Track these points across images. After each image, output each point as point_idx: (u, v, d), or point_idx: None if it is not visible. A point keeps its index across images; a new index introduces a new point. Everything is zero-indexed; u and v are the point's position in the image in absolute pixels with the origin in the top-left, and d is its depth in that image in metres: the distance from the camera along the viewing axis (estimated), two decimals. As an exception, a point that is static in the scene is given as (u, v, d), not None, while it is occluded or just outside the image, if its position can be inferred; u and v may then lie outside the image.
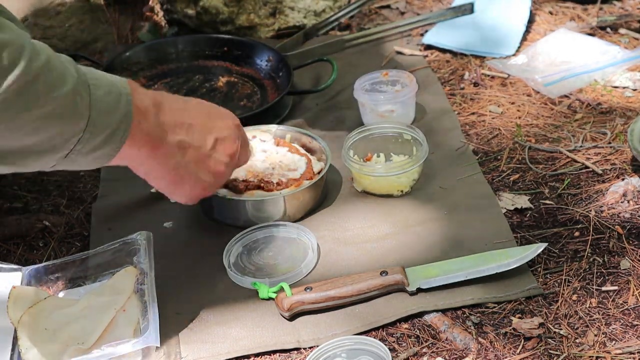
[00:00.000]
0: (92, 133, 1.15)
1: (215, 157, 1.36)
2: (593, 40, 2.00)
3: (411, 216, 1.53)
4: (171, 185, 1.34)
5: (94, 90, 1.15)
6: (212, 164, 1.35)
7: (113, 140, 1.18)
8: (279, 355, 1.29)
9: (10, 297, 1.35)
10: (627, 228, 1.45)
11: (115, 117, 1.17)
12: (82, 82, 1.14)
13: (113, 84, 1.19)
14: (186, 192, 1.36)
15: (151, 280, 1.35)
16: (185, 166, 1.32)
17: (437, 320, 1.31)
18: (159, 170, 1.30)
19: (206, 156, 1.34)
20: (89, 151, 1.17)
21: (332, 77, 1.84)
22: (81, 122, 1.13)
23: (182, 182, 1.33)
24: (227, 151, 1.37)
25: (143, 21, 2.28)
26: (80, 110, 1.13)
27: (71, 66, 1.14)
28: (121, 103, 1.18)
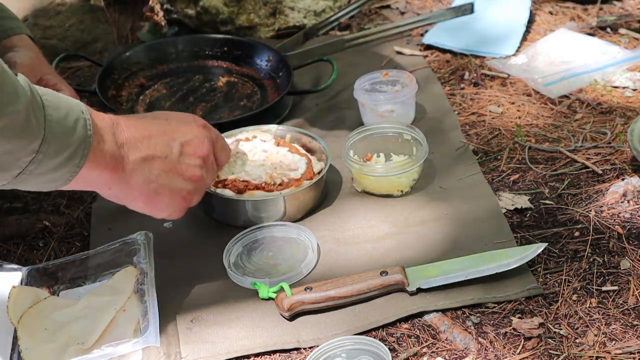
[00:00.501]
0: (46, 154, 1.12)
1: (186, 162, 1.31)
2: (593, 40, 2.00)
3: (411, 216, 1.53)
4: (148, 204, 1.30)
5: (50, 111, 1.13)
6: (184, 170, 1.31)
7: (70, 163, 1.16)
8: (279, 355, 1.29)
9: (10, 297, 1.35)
10: (627, 228, 1.45)
11: (72, 139, 1.15)
12: (37, 102, 1.12)
13: (71, 106, 1.17)
14: (165, 205, 1.31)
15: (151, 280, 1.35)
16: (156, 179, 1.28)
17: (437, 320, 1.31)
18: (130, 191, 1.27)
19: (175, 163, 1.30)
20: (43, 172, 1.14)
21: (332, 77, 1.84)
22: (34, 143, 1.11)
23: (157, 196, 1.29)
24: (196, 154, 1.32)
25: (143, 21, 2.28)
26: (32, 130, 1.10)
27: (26, 85, 1.11)
28: (79, 125, 1.16)
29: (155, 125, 1.30)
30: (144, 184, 1.27)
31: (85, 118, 1.17)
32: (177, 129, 1.32)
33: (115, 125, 1.23)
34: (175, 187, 1.30)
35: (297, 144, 1.66)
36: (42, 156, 1.12)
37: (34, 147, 1.11)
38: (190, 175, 1.31)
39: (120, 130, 1.24)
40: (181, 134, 1.32)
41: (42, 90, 1.15)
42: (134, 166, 1.25)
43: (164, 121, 1.32)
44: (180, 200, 1.32)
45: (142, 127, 1.28)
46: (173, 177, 1.30)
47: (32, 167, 1.13)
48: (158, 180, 1.28)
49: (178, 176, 1.30)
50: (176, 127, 1.32)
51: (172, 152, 1.29)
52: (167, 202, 1.31)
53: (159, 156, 1.28)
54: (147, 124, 1.29)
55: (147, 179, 1.27)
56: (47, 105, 1.13)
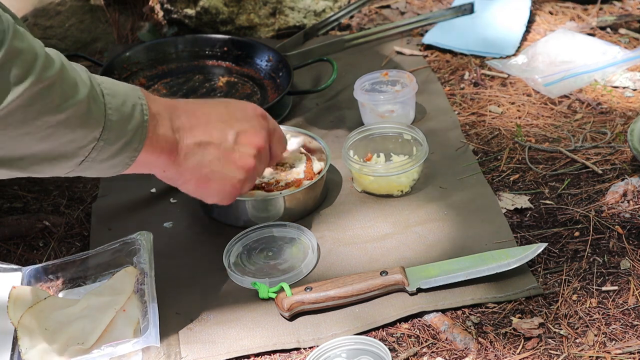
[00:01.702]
0: (107, 141, 1.15)
1: (240, 151, 1.32)
2: (593, 40, 2.00)
3: (411, 216, 1.53)
4: (199, 187, 1.32)
5: (109, 99, 1.15)
6: (237, 158, 1.32)
7: (129, 148, 1.18)
8: (279, 355, 1.29)
9: (10, 297, 1.35)
10: (627, 228, 1.45)
11: (131, 125, 1.17)
12: (96, 90, 1.14)
13: (127, 93, 1.19)
14: (215, 191, 1.33)
15: (151, 280, 1.35)
16: (209, 165, 1.30)
17: (437, 320, 1.31)
18: (183, 174, 1.29)
19: (229, 151, 1.31)
20: (104, 159, 1.17)
21: (332, 77, 1.84)
22: (95, 131, 1.14)
23: (208, 182, 1.31)
24: (252, 143, 1.33)
25: (143, 21, 2.28)
26: (94, 119, 1.13)
27: (85, 75, 1.14)
28: (136, 111, 1.18)
29: (213, 111, 1.32)
30: (197, 168, 1.29)
31: (142, 103, 1.20)
32: (235, 117, 1.34)
33: (172, 110, 1.26)
34: (227, 174, 1.32)
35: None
36: (103, 143, 1.15)
37: (96, 135, 1.14)
38: (242, 164, 1.33)
39: (177, 115, 1.26)
40: (238, 122, 1.33)
41: (99, 79, 1.17)
42: (188, 150, 1.27)
43: (223, 108, 1.34)
44: (230, 187, 1.34)
45: (200, 112, 1.30)
46: (226, 164, 1.31)
47: (94, 154, 1.15)
48: (211, 166, 1.30)
49: (231, 164, 1.32)
50: (234, 115, 1.34)
51: (227, 140, 1.31)
52: (217, 188, 1.33)
53: (214, 143, 1.30)
54: (205, 109, 1.32)
55: (200, 164, 1.29)
56: (106, 93, 1.15)
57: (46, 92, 1.08)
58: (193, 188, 1.32)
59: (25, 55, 1.06)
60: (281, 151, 1.44)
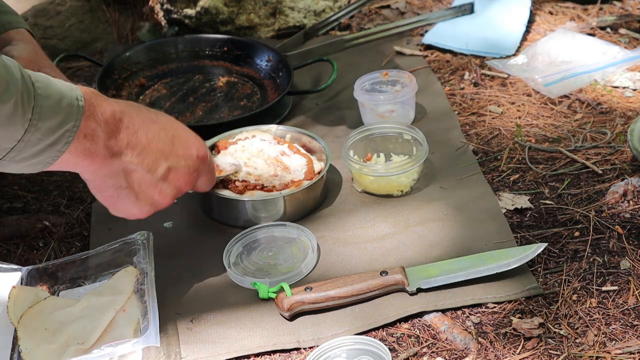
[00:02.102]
0: (28, 143, 1.11)
1: (162, 187, 1.30)
2: (593, 40, 2.00)
3: (411, 216, 1.53)
4: (107, 201, 1.30)
5: (41, 100, 1.11)
6: (156, 193, 1.31)
7: (53, 149, 1.14)
8: (279, 355, 1.29)
9: (10, 297, 1.35)
10: (627, 228, 1.45)
11: (58, 128, 1.13)
12: (27, 91, 1.09)
13: (64, 93, 1.14)
14: (121, 210, 1.32)
15: (151, 280, 1.35)
16: (127, 187, 1.28)
17: (437, 320, 1.31)
18: (98, 184, 1.27)
19: (152, 184, 1.29)
20: (23, 158, 1.13)
21: (332, 77, 1.84)
22: (17, 132, 1.09)
23: (119, 201, 1.29)
24: (177, 183, 1.32)
25: (143, 21, 2.28)
26: (17, 120, 1.08)
27: (18, 74, 1.09)
28: (69, 114, 1.14)
29: (157, 136, 1.28)
30: (114, 187, 1.27)
31: (79, 105, 1.15)
32: (176, 151, 1.31)
33: (116, 122, 1.22)
34: (138, 201, 1.31)
35: (297, 144, 1.66)
36: (24, 144, 1.11)
37: (17, 136, 1.10)
38: (158, 199, 1.32)
39: (118, 129, 1.22)
40: (175, 158, 1.31)
41: (36, 77, 1.12)
42: (113, 168, 1.24)
43: (170, 137, 1.30)
44: (136, 211, 1.32)
45: (143, 133, 1.26)
46: (143, 192, 1.30)
47: (12, 154, 1.11)
48: (128, 189, 1.28)
49: (148, 195, 1.30)
50: (176, 148, 1.31)
51: (156, 172, 1.29)
52: (125, 208, 1.32)
53: (142, 170, 1.27)
54: (151, 131, 1.27)
55: (118, 184, 1.27)
56: (39, 93, 1.11)
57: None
58: (103, 199, 1.30)
59: None
60: (205, 188, 1.42)
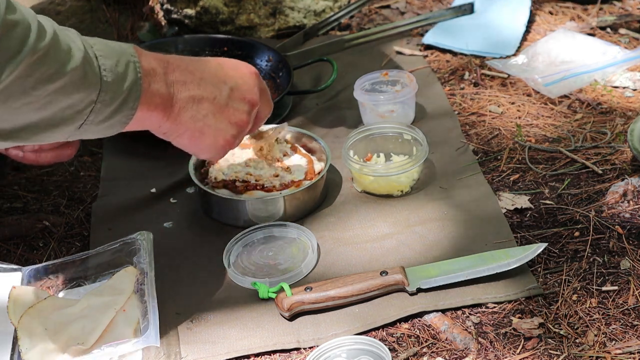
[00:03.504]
0: (103, 103, 1.15)
1: (234, 106, 1.34)
2: (593, 40, 2.00)
3: (411, 216, 1.53)
4: (192, 141, 1.32)
5: (103, 60, 1.15)
6: (230, 113, 1.33)
7: (125, 107, 1.18)
8: (279, 355, 1.29)
9: (11, 297, 1.35)
10: (627, 228, 1.45)
11: (125, 84, 1.17)
12: (90, 54, 1.15)
13: (120, 52, 1.19)
14: (208, 145, 1.34)
15: (151, 280, 1.35)
16: (203, 119, 1.30)
17: (437, 320, 1.31)
18: (176, 128, 1.29)
19: (223, 106, 1.32)
20: (102, 120, 1.17)
21: (332, 77, 1.84)
22: (92, 94, 1.14)
23: (201, 136, 1.32)
24: (245, 98, 1.35)
25: (143, 21, 2.28)
26: (89, 82, 1.13)
27: (78, 39, 1.15)
28: (129, 70, 1.18)
29: (206, 67, 1.32)
30: (191, 122, 1.29)
31: (135, 61, 1.20)
32: (229, 73, 1.35)
33: (165, 65, 1.26)
34: (220, 128, 1.33)
35: (297, 144, 1.66)
36: (100, 105, 1.15)
37: (93, 98, 1.14)
38: (236, 120, 1.34)
39: (171, 69, 1.26)
40: (232, 79, 1.34)
41: (91, 41, 1.17)
42: (182, 104, 1.27)
43: (216, 64, 1.35)
44: (223, 142, 1.35)
45: (193, 67, 1.30)
46: (219, 119, 1.32)
47: (92, 116, 1.15)
48: (205, 121, 1.31)
49: (224, 119, 1.33)
50: (228, 71, 1.35)
51: (221, 95, 1.32)
52: (210, 142, 1.33)
53: (208, 97, 1.30)
54: (199, 65, 1.32)
55: (194, 118, 1.29)
56: (99, 55, 1.16)
57: (42, 62, 1.08)
58: (187, 142, 1.32)
59: (20, 27, 1.06)
60: (267, 113, 1.44)
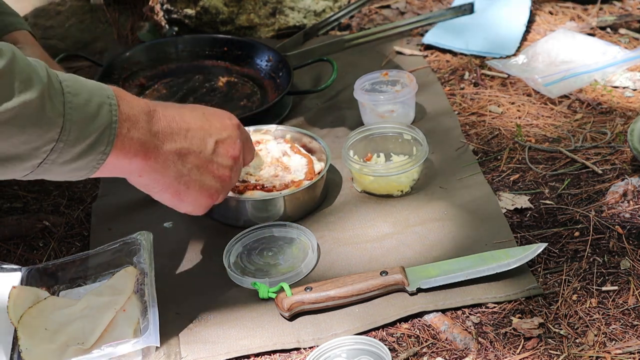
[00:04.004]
0: (66, 143, 1.09)
1: (218, 161, 1.31)
2: (593, 40, 2.00)
3: (411, 216, 1.53)
4: (176, 196, 1.29)
5: (70, 97, 1.10)
6: (215, 169, 1.31)
7: (95, 150, 1.13)
8: (279, 355, 1.29)
9: (10, 297, 1.35)
10: (627, 228, 1.45)
11: (95, 126, 1.11)
12: (55, 88, 1.09)
13: (94, 92, 1.13)
14: (192, 201, 1.31)
15: (151, 280, 1.35)
16: (189, 174, 1.27)
17: (437, 320, 1.31)
18: (160, 181, 1.25)
19: (208, 161, 1.30)
20: (67, 161, 1.11)
21: (332, 77, 1.84)
22: (52, 131, 1.07)
23: (187, 191, 1.29)
24: (229, 153, 1.32)
25: (143, 21, 2.28)
26: (49, 118, 1.07)
27: (43, 71, 1.08)
28: (103, 112, 1.12)
29: (192, 118, 1.29)
30: (175, 177, 1.26)
31: (111, 103, 1.14)
32: (214, 125, 1.32)
33: (151, 112, 1.21)
34: (205, 183, 1.30)
35: (297, 144, 1.66)
36: (62, 145, 1.09)
37: (53, 136, 1.08)
38: (220, 174, 1.32)
39: (157, 119, 1.22)
40: (217, 131, 1.31)
41: (63, 76, 1.12)
42: (168, 157, 1.24)
43: (202, 115, 1.32)
44: (207, 197, 1.32)
45: (180, 118, 1.26)
46: (204, 173, 1.30)
47: (53, 156, 1.10)
48: (190, 175, 1.28)
49: (209, 173, 1.30)
50: (213, 123, 1.32)
51: (206, 149, 1.29)
52: (194, 197, 1.30)
53: (194, 151, 1.27)
54: (185, 115, 1.28)
55: (179, 172, 1.26)
56: (67, 91, 1.10)
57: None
58: (169, 197, 1.29)
59: None
60: (250, 160, 1.43)
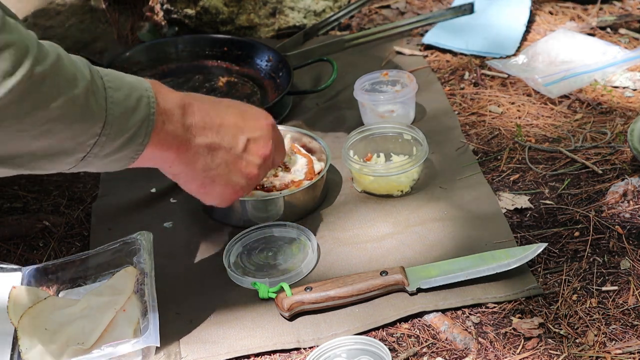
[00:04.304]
0: (108, 136, 1.12)
1: (247, 159, 1.32)
2: (593, 40, 2.00)
3: (411, 216, 1.53)
4: (201, 188, 1.31)
5: (112, 92, 1.13)
6: (243, 166, 1.32)
7: (133, 143, 1.16)
8: (279, 355, 1.29)
9: (11, 297, 1.35)
10: (627, 228, 1.45)
11: (134, 119, 1.15)
12: (97, 84, 1.12)
13: (133, 86, 1.16)
14: (217, 194, 1.33)
15: (151, 280, 1.35)
16: (216, 168, 1.29)
17: (437, 320, 1.31)
18: (188, 173, 1.28)
19: (238, 158, 1.31)
20: (107, 154, 1.14)
21: (332, 77, 1.84)
22: (96, 126, 1.11)
23: (212, 184, 1.30)
24: (259, 152, 1.33)
25: (143, 21, 2.28)
26: (93, 114, 1.10)
27: (85, 68, 1.11)
28: (142, 105, 1.16)
29: (227, 113, 1.31)
30: (203, 170, 1.28)
31: (149, 96, 1.17)
32: (248, 123, 1.33)
33: (186, 106, 1.24)
34: (231, 179, 1.32)
35: (297, 144, 1.66)
36: (105, 138, 1.12)
37: (96, 131, 1.11)
38: (248, 172, 1.33)
39: (191, 112, 1.25)
40: (250, 129, 1.33)
41: (104, 72, 1.14)
42: (198, 150, 1.26)
43: (238, 112, 1.33)
44: (231, 192, 1.33)
45: (214, 113, 1.29)
46: (232, 170, 1.31)
47: (96, 149, 1.12)
48: (217, 170, 1.29)
49: (237, 170, 1.32)
50: (247, 121, 1.33)
51: (237, 146, 1.31)
52: (219, 191, 1.32)
53: (225, 147, 1.29)
54: (221, 110, 1.30)
55: (207, 166, 1.28)
56: (109, 86, 1.13)
57: (38, 87, 1.04)
58: (195, 188, 1.31)
59: (16, 48, 1.02)
60: (280, 161, 1.44)
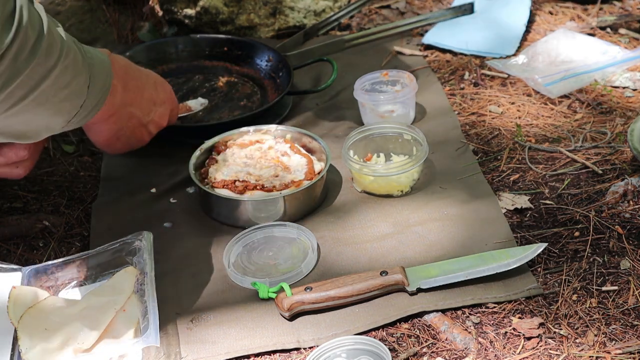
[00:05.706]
0: (84, 108, 1.31)
1: (148, 128, 1.58)
2: (593, 40, 2.00)
3: (411, 216, 1.53)
4: (106, 141, 1.53)
5: (94, 71, 1.30)
6: (144, 134, 1.57)
7: (93, 111, 1.35)
8: (279, 355, 1.29)
9: (11, 297, 1.35)
10: (627, 228, 1.45)
11: (101, 93, 1.34)
12: (89, 65, 1.28)
13: (103, 62, 1.34)
14: (115, 149, 1.56)
15: (151, 280, 1.35)
16: (124, 129, 1.52)
17: (437, 320, 1.31)
18: (104, 130, 1.50)
19: (142, 125, 1.55)
20: (79, 120, 1.33)
21: (332, 77, 1.84)
22: (80, 100, 1.29)
23: (117, 141, 1.53)
24: (159, 125, 1.59)
25: (143, 21, 2.28)
26: (84, 90, 1.29)
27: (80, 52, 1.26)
28: (108, 81, 1.35)
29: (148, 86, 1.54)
30: (116, 131, 1.51)
31: (110, 73, 1.37)
32: (159, 97, 1.57)
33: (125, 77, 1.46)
34: (129, 141, 1.56)
35: (297, 144, 1.66)
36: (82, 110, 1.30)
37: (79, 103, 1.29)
38: (142, 138, 1.58)
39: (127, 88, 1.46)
40: (161, 102, 1.58)
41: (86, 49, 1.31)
42: (121, 117, 1.49)
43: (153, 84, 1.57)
44: (125, 148, 1.58)
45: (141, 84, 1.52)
46: (135, 134, 1.55)
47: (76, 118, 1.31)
48: (125, 131, 1.53)
49: (137, 135, 1.56)
50: (159, 94, 1.57)
51: (148, 116, 1.56)
52: (118, 147, 1.56)
53: (138, 116, 1.53)
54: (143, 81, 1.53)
55: (120, 129, 1.51)
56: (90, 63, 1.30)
57: (65, 73, 1.21)
58: (102, 141, 1.53)
59: (58, 42, 1.19)
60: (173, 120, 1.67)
